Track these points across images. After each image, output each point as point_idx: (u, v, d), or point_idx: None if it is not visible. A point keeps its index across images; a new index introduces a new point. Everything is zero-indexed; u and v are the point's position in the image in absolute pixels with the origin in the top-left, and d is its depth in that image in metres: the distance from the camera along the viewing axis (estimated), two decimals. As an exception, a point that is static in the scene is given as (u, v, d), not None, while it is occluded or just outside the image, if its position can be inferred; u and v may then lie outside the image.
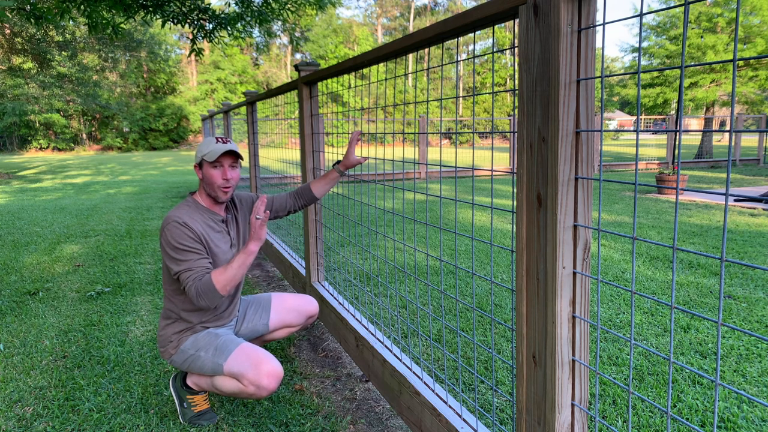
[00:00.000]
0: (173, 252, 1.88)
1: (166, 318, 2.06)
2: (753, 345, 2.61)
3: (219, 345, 1.96)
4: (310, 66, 2.89)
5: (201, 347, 1.97)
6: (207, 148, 1.98)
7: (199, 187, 2.07)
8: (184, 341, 2.01)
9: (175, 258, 1.88)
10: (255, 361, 1.87)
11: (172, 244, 1.88)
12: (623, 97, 25.70)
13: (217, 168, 1.97)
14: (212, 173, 1.97)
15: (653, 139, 23.90)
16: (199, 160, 2.01)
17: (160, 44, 34.41)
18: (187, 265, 1.87)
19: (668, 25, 17.32)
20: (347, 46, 45.02)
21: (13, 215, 7.37)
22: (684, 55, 0.84)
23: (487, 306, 3.23)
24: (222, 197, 2.01)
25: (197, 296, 1.85)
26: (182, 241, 1.88)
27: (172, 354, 2.02)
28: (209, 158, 1.94)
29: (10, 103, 22.67)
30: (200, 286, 1.84)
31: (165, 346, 2.04)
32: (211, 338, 2.00)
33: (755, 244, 4.70)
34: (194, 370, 1.99)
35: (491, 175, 1.15)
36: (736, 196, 0.95)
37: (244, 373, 1.86)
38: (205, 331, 2.03)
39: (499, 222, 6.18)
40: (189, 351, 1.98)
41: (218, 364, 1.91)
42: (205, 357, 1.94)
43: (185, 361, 1.99)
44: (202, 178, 2.01)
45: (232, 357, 1.90)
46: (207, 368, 1.94)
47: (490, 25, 1.31)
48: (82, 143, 38.33)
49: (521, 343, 1.25)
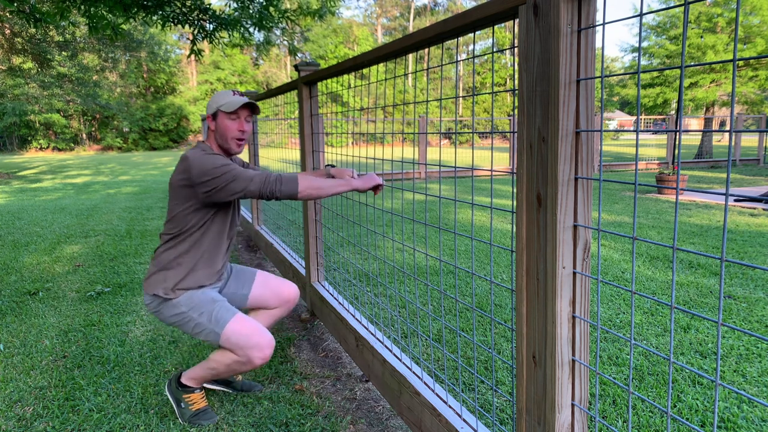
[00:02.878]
0: (217, 174, 1.80)
1: (161, 264, 1.97)
2: (753, 345, 2.61)
3: (216, 313, 1.92)
4: (310, 66, 2.89)
5: (196, 307, 1.93)
6: (224, 99, 1.95)
7: (209, 139, 2.03)
8: (179, 294, 1.94)
9: (225, 176, 1.79)
10: (251, 331, 1.89)
11: (214, 167, 1.80)
12: (623, 97, 25.70)
13: (234, 120, 1.95)
14: (228, 124, 1.95)
15: (653, 139, 23.91)
16: (214, 110, 1.97)
17: (160, 44, 34.41)
18: (248, 173, 1.82)
19: (668, 25, 17.32)
20: (347, 46, 45.01)
21: (13, 215, 7.37)
22: (684, 55, 0.84)
23: (487, 306, 3.23)
24: (235, 149, 1.98)
25: (277, 181, 1.81)
26: (222, 163, 1.82)
27: (162, 304, 1.94)
28: (227, 108, 1.92)
29: (10, 103, 22.68)
30: (284, 175, 1.81)
31: (156, 291, 1.94)
32: (208, 302, 1.95)
33: (755, 244, 4.70)
34: (187, 330, 1.94)
35: (491, 175, 1.15)
36: (736, 196, 0.95)
37: (241, 344, 1.87)
38: (200, 291, 1.98)
39: (500, 222, 6.18)
40: (182, 308, 1.93)
41: (216, 333, 1.89)
42: (200, 321, 1.91)
43: (175, 316, 1.93)
44: (214, 129, 1.98)
45: (230, 327, 1.89)
46: (202, 334, 1.92)
47: (490, 25, 1.31)
48: (82, 143, 38.34)
49: (521, 343, 1.25)
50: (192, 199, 1.90)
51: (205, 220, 1.95)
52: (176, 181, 1.89)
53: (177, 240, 1.95)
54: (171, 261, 1.95)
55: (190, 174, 1.85)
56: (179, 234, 1.95)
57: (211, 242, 2.00)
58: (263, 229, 4.95)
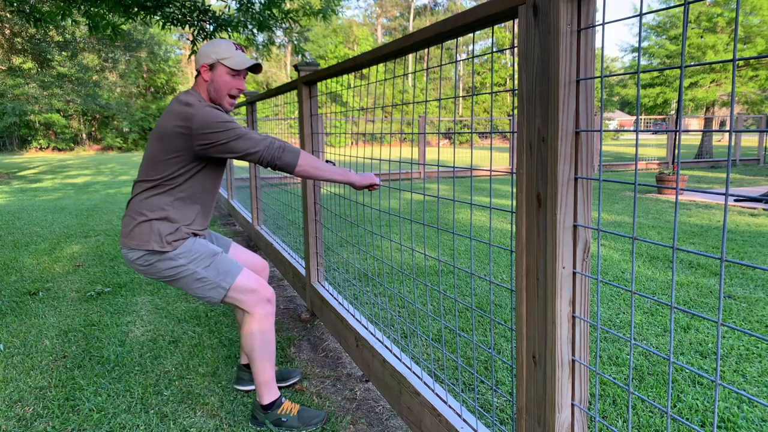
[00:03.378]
0: (223, 129, 1.69)
1: (145, 214, 1.78)
2: (753, 345, 2.61)
3: (222, 266, 1.80)
4: (310, 66, 2.89)
5: (198, 260, 1.79)
6: (227, 52, 1.81)
7: (198, 88, 1.87)
8: (176, 245, 1.77)
9: (229, 132, 1.69)
10: (258, 285, 1.87)
11: (220, 121, 1.68)
12: (623, 97, 25.70)
13: (234, 77, 1.84)
14: (227, 80, 1.82)
15: (653, 139, 23.90)
16: (212, 61, 1.82)
17: (160, 44, 34.41)
18: (254, 135, 1.72)
19: (668, 25, 17.32)
20: (347, 46, 45.01)
21: (13, 215, 7.37)
22: (684, 55, 0.84)
23: (486, 306, 3.23)
24: (227, 107, 1.87)
25: (279, 149, 1.72)
26: (227, 119, 1.71)
27: (155, 258, 1.76)
28: (231, 64, 1.80)
29: (10, 103, 22.68)
30: (287, 146, 1.73)
31: (148, 245, 1.75)
32: (209, 254, 1.82)
33: (755, 244, 4.69)
34: (182, 285, 1.80)
35: (490, 175, 1.15)
36: (736, 196, 0.95)
37: (250, 300, 1.83)
38: (197, 241, 1.83)
39: (500, 222, 6.18)
40: (180, 260, 1.77)
41: (222, 287, 1.79)
42: (204, 275, 1.78)
43: (171, 269, 1.77)
44: (208, 80, 1.84)
45: (240, 281, 1.82)
46: (203, 289, 1.78)
47: (490, 25, 1.31)
48: (82, 143, 38.34)
49: (521, 343, 1.25)
50: (183, 149, 1.75)
51: (194, 170, 1.81)
52: (171, 127, 1.73)
53: (162, 189, 1.79)
54: (158, 210, 1.78)
55: (191, 123, 1.70)
56: (164, 182, 1.78)
57: (199, 193, 1.86)
58: (263, 229, 4.95)
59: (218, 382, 2.34)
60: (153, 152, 1.78)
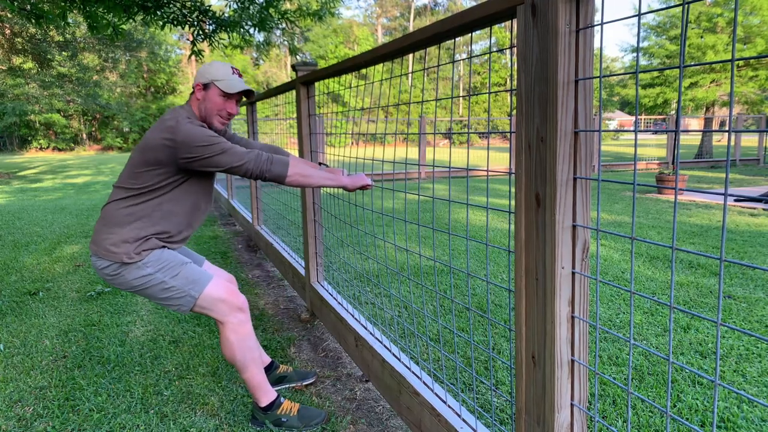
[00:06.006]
0: (207, 143, 1.70)
1: (116, 222, 1.78)
2: (753, 345, 2.61)
3: (191, 275, 1.81)
4: (308, 66, 2.89)
5: (166, 269, 1.79)
6: (222, 75, 1.85)
7: (191, 103, 1.91)
8: (144, 255, 1.77)
9: (213, 147, 1.70)
10: (228, 294, 1.86)
11: (205, 136, 1.70)
12: (623, 97, 25.70)
13: (227, 100, 1.87)
14: (218, 102, 1.86)
15: (653, 139, 23.88)
16: (207, 81, 1.86)
17: (160, 44, 34.44)
18: (239, 149, 1.73)
19: (668, 25, 17.32)
20: (347, 46, 45.01)
21: (14, 215, 7.37)
22: (683, 55, 0.84)
23: (486, 306, 3.23)
24: (218, 126, 1.90)
25: (268, 161, 1.74)
26: (211, 134, 1.72)
27: (123, 268, 1.76)
28: (224, 87, 1.84)
29: (11, 103, 22.68)
30: (274, 158, 1.75)
31: (115, 256, 1.75)
32: (178, 263, 1.82)
33: (755, 244, 4.69)
34: (150, 294, 1.80)
35: (487, 176, 1.15)
36: (736, 196, 0.95)
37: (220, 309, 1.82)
38: (167, 251, 1.84)
39: (499, 222, 6.18)
40: (147, 269, 1.77)
41: (191, 296, 1.80)
42: (173, 284, 1.79)
43: (139, 279, 1.77)
44: (200, 99, 1.87)
45: (209, 290, 1.82)
46: (170, 299, 1.79)
47: (488, 25, 1.31)
48: (83, 143, 38.35)
49: (520, 343, 1.25)
50: (167, 162, 1.76)
51: (176, 183, 1.82)
52: (156, 138, 1.74)
53: (140, 199, 1.79)
54: (133, 221, 1.79)
55: (175, 137, 1.71)
56: (143, 193, 1.79)
57: (180, 205, 1.85)
58: (263, 229, 4.95)
59: (218, 382, 2.34)
60: (136, 161, 1.79)
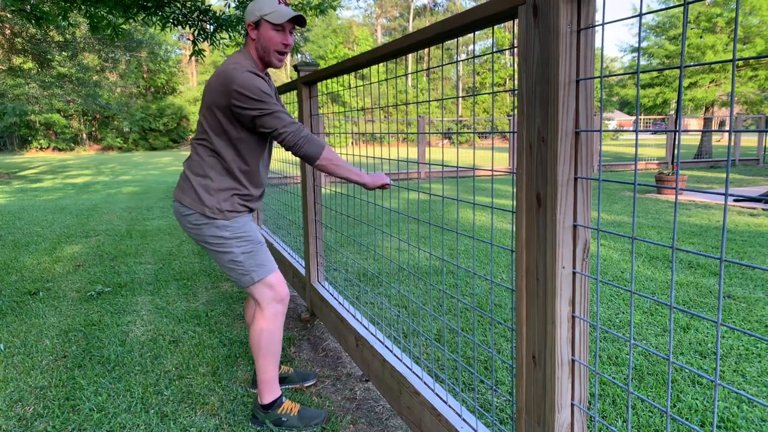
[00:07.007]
0: (260, 98, 1.71)
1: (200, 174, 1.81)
2: (753, 345, 2.61)
3: (262, 257, 1.86)
4: (310, 66, 2.89)
5: (241, 240, 1.83)
6: (269, 7, 1.80)
7: (248, 47, 1.88)
8: (230, 216, 1.81)
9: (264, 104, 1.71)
10: (282, 285, 1.93)
11: (260, 92, 1.70)
12: (623, 97, 25.70)
13: (279, 32, 1.82)
14: (272, 36, 1.81)
15: (653, 139, 23.89)
16: (256, 18, 1.81)
17: (160, 44, 34.44)
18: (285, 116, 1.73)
19: (668, 25, 17.32)
20: (347, 47, 45.01)
21: (14, 215, 7.37)
22: (683, 55, 0.84)
23: (486, 306, 3.23)
24: (277, 63, 1.86)
25: (305, 138, 1.74)
26: (266, 91, 1.72)
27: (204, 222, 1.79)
28: (273, 19, 1.79)
29: (11, 103, 22.67)
30: (311, 137, 1.75)
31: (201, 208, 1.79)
32: (254, 240, 1.87)
33: (755, 244, 4.70)
34: (216, 257, 1.84)
35: (491, 175, 1.16)
36: (736, 196, 0.95)
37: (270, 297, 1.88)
38: (249, 221, 1.88)
39: (499, 222, 6.18)
40: (226, 232, 1.80)
41: (251, 277, 1.85)
42: (240, 259, 1.83)
43: (214, 238, 1.81)
44: (255, 39, 1.84)
45: (271, 278, 1.88)
46: (233, 271, 1.83)
47: (489, 26, 1.31)
48: (83, 143, 38.35)
49: (521, 343, 1.25)
50: (224, 104, 1.77)
51: (241, 133, 1.82)
52: (216, 83, 1.76)
53: (213, 145, 1.82)
54: (214, 172, 1.82)
55: (232, 83, 1.72)
56: (215, 138, 1.81)
57: (252, 158, 1.87)
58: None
59: (218, 381, 2.34)
60: (203, 106, 1.82)
